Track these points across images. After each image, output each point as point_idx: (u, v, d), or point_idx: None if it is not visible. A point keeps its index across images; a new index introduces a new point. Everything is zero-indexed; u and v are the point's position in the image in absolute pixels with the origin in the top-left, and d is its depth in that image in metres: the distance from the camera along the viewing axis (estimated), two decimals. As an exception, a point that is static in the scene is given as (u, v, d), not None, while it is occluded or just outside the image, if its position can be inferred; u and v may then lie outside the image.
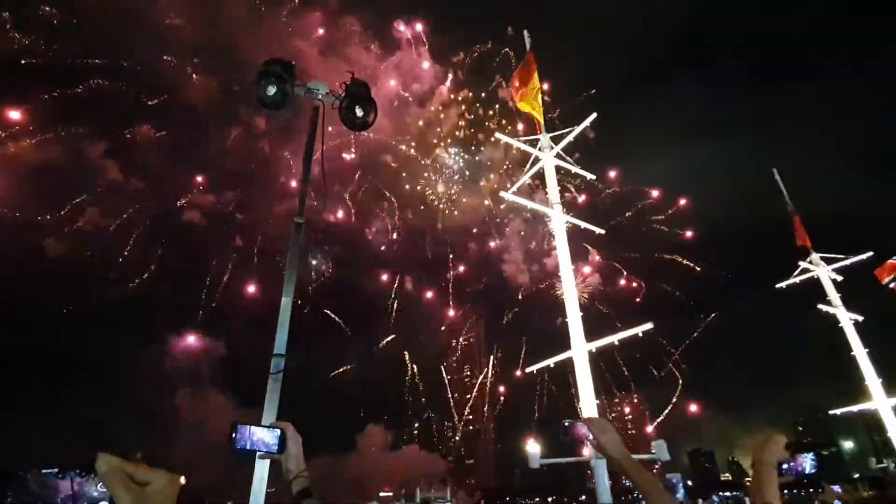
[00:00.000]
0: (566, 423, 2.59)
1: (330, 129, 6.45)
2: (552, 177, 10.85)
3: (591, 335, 9.48)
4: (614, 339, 8.99)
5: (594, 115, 10.77)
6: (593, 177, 11.85)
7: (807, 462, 2.44)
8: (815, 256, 18.37)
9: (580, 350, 8.98)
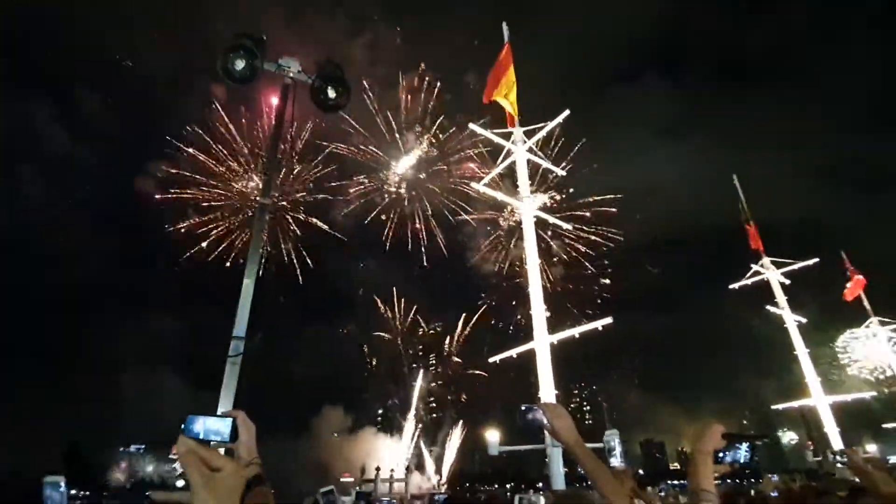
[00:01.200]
0: (523, 408, 2.67)
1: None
2: (523, 170, 10.97)
3: (553, 328, 9.73)
4: (575, 332, 9.26)
5: (566, 112, 10.94)
6: (563, 173, 12.06)
7: (741, 451, 2.63)
8: (766, 260, 19.37)
9: (542, 342, 9.19)
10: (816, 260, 18.69)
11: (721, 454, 2.46)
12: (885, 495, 3.93)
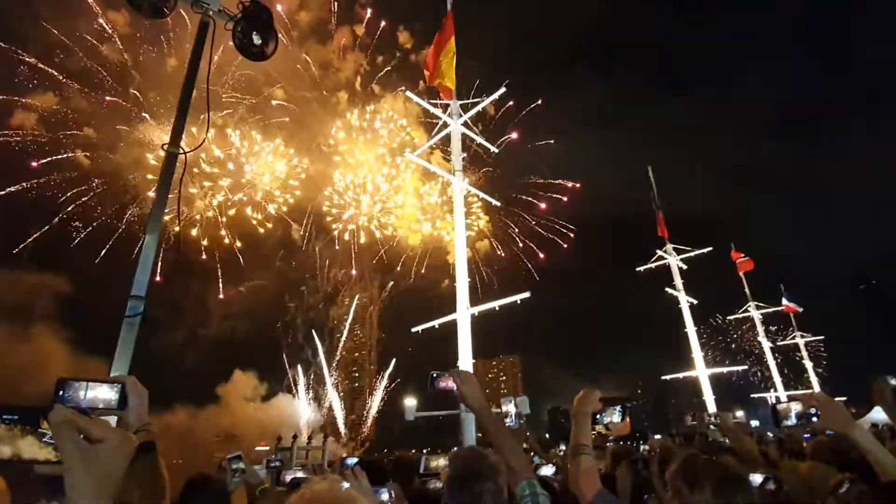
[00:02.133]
0: (433, 374, 2.74)
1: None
2: (457, 144, 10.97)
3: (474, 300, 10.03)
4: (495, 304, 9.64)
5: (503, 89, 11.03)
6: (495, 150, 12.27)
7: (615, 412, 2.98)
8: (669, 246, 21.32)
9: (464, 314, 9.45)
10: (710, 248, 20.95)
11: (597, 415, 2.82)
12: (746, 452, 4.61)
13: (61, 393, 1.81)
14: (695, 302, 20.53)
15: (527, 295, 9.42)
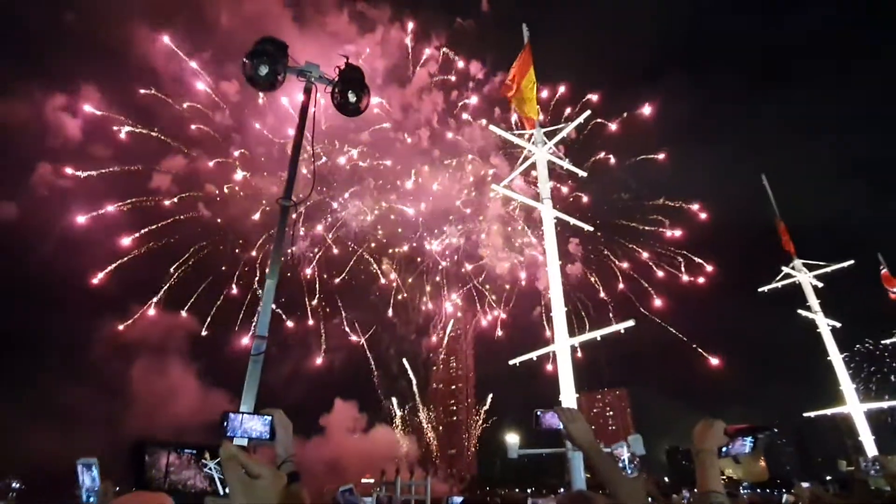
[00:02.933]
0: (538, 413, 2.65)
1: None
2: (544, 172, 10.89)
3: (572, 330, 9.61)
4: (596, 334, 9.13)
5: (588, 112, 10.84)
6: (584, 174, 11.90)
7: (746, 444, 2.53)
8: (797, 262, 18.74)
9: (563, 344, 9.09)
10: (852, 262, 18.00)
11: (724, 449, 2.35)
12: None
13: (225, 424, 2.11)
14: (837, 325, 17.65)
15: (631, 324, 8.81)
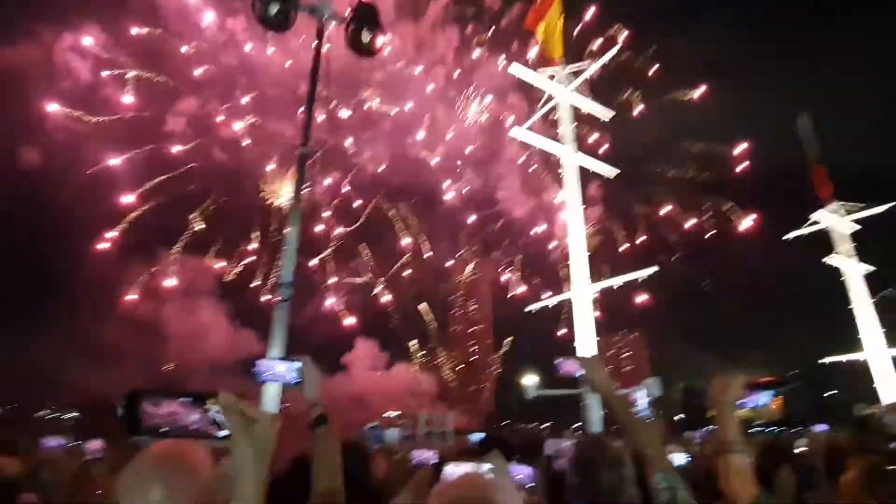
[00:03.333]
0: (559, 361, 2.71)
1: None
2: (567, 114, 10.39)
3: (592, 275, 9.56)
4: (616, 281, 9.08)
5: (615, 49, 10.11)
6: (611, 113, 11.26)
7: (766, 396, 2.55)
8: (830, 206, 17.96)
9: (582, 291, 9.11)
10: (893, 204, 17.06)
11: (743, 402, 2.38)
12: None
13: (255, 369, 2.24)
14: (870, 269, 17.10)
15: (654, 270, 8.71)
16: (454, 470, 1.58)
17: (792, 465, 2.89)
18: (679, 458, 5.75)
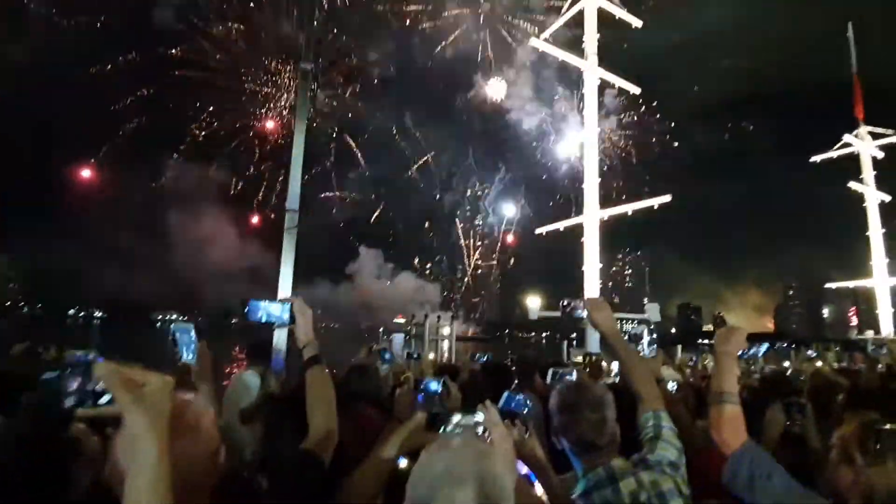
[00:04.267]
0: (564, 303, 2.74)
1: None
2: (592, 21, 9.44)
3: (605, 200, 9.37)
4: (628, 208, 8.87)
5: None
6: (640, 22, 10.20)
7: (761, 349, 2.68)
8: (862, 129, 16.98)
9: (592, 216, 8.98)
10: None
11: (741, 353, 2.50)
12: None
13: (247, 310, 2.25)
14: (887, 198, 16.67)
15: (667, 199, 8.46)
16: (447, 435, 1.63)
17: (785, 410, 2.99)
18: (671, 385, 6.05)
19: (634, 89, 10.38)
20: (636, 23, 10.02)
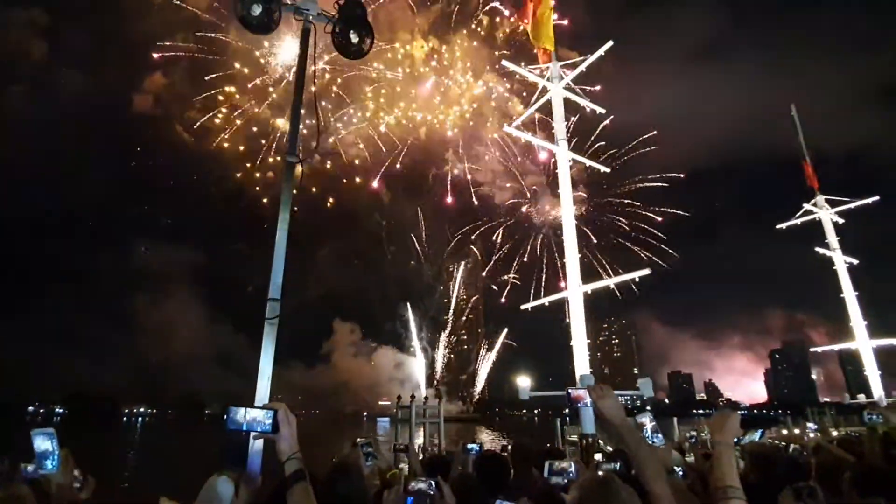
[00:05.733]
0: (568, 391, 2.70)
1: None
2: (559, 110, 10.24)
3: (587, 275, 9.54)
4: (610, 282, 9.06)
5: (610, 43, 9.91)
6: (603, 110, 11.20)
7: (756, 434, 2.69)
8: (819, 198, 18.12)
9: (575, 291, 9.07)
10: (877, 198, 17.34)
11: (737, 438, 2.49)
12: None
13: (227, 416, 2.10)
14: (854, 262, 17.37)
15: (647, 272, 8.69)
16: None
17: (795, 496, 2.86)
18: (679, 471, 5.74)
19: (604, 168, 11.23)
20: (600, 109, 11.02)
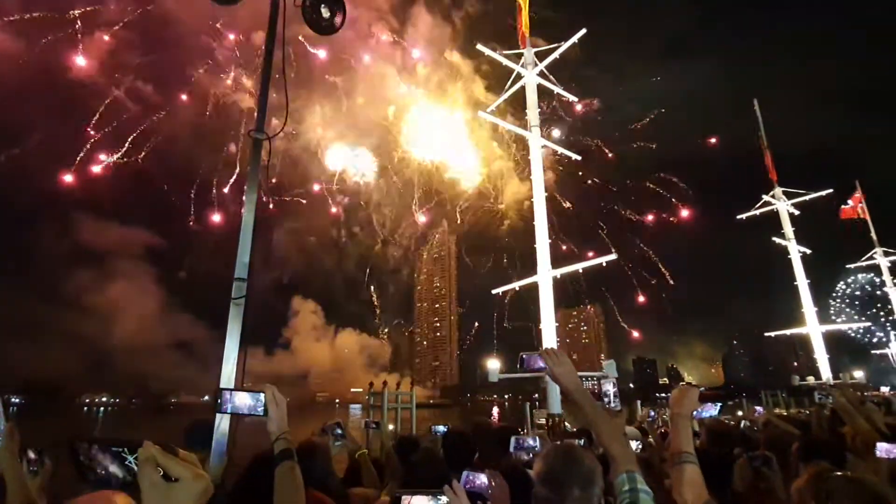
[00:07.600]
0: (523, 356, 2.67)
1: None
2: (533, 96, 10.28)
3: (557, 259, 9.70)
4: (578, 267, 9.23)
5: (583, 31, 9.96)
6: (576, 98, 11.30)
7: (715, 409, 2.81)
8: (777, 190, 18.92)
9: (545, 276, 9.22)
10: (830, 191, 18.25)
11: (696, 412, 2.61)
12: (864, 433, 3.99)
13: (219, 400, 2.11)
14: (807, 251, 18.29)
15: (613, 257, 8.90)
16: None
17: (750, 464, 3.02)
18: (635, 444, 5.97)
19: (575, 156, 11.33)
20: (573, 98, 11.12)
